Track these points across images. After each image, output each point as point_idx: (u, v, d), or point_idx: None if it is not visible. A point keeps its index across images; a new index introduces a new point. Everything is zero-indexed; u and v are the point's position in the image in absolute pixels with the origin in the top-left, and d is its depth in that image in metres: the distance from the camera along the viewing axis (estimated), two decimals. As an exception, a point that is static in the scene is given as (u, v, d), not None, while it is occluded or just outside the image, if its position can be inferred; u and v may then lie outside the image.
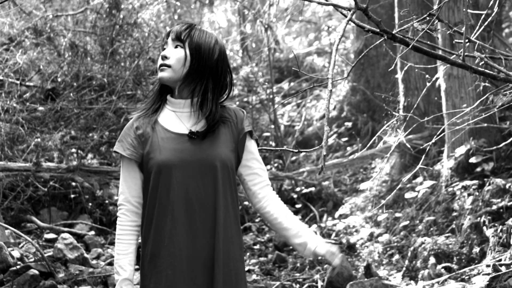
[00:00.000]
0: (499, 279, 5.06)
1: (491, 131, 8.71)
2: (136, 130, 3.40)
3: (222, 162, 3.31)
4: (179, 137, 3.33)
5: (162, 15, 12.09)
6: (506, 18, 14.14)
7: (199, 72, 3.33)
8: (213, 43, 3.37)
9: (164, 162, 3.27)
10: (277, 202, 3.45)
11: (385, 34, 4.52)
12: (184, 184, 3.26)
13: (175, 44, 3.35)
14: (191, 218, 3.27)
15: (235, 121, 3.44)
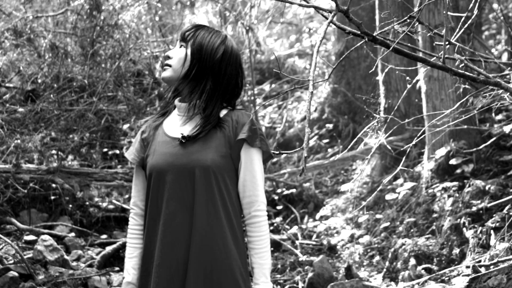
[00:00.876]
0: (479, 280, 5.08)
1: (471, 133, 8.76)
2: (142, 134, 3.43)
3: (203, 168, 3.21)
4: (172, 141, 3.30)
5: (143, 17, 12.05)
6: (486, 20, 14.22)
7: (198, 72, 3.29)
8: (218, 44, 3.31)
9: (154, 166, 3.28)
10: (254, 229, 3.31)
11: (366, 36, 4.53)
12: (169, 189, 3.23)
13: (180, 44, 3.33)
14: (175, 223, 3.23)
15: (235, 126, 3.31)
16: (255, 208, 3.30)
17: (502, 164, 8.50)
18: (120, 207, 10.44)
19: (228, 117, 3.32)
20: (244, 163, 3.29)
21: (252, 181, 3.30)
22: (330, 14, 4.51)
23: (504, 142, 8.78)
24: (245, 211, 3.32)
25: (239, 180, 3.31)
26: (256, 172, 3.30)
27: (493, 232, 7.26)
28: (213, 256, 3.21)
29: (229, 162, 3.27)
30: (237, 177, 3.31)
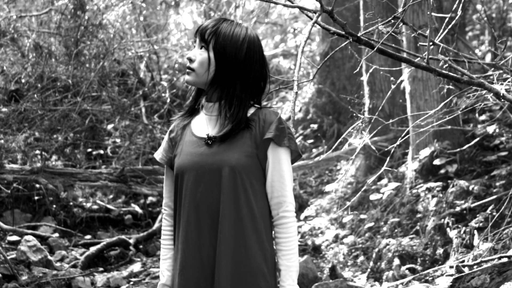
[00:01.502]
0: (462, 280, 5.09)
1: (455, 134, 8.79)
2: (170, 133, 3.35)
3: (229, 168, 3.13)
4: (198, 141, 3.22)
5: (127, 17, 12.05)
6: (470, 21, 14.27)
7: (225, 76, 3.17)
8: (241, 41, 3.17)
9: (180, 166, 3.22)
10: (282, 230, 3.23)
11: (350, 37, 4.54)
12: (194, 189, 3.17)
13: (200, 45, 3.19)
14: (200, 225, 3.17)
15: (262, 125, 3.21)
16: (283, 209, 3.22)
17: (486, 164, 8.54)
18: (104, 207, 10.42)
19: (255, 116, 3.23)
20: (272, 163, 3.20)
21: (280, 181, 3.21)
22: (314, 14, 4.51)
23: (487, 143, 8.82)
24: (273, 212, 3.23)
25: (267, 181, 3.21)
26: (284, 172, 3.21)
27: (476, 232, 7.29)
28: (238, 259, 3.14)
29: (255, 162, 3.19)
30: (264, 178, 3.22)
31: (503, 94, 4.85)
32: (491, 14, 13.34)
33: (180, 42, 15.34)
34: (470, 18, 14.07)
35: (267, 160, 3.19)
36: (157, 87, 12.24)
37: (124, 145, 11.40)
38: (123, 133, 11.54)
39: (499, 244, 5.98)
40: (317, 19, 4.43)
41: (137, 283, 7.97)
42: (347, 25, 4.49)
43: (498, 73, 5.78)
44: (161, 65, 13.87)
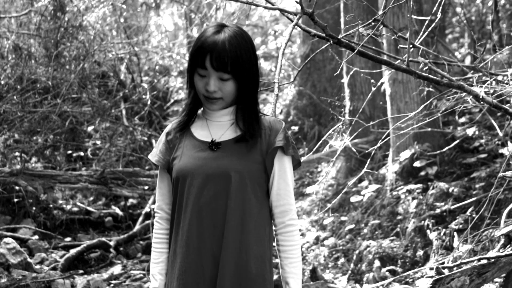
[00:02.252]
0: (442, 281, 5.11)
1: (435, 136, 8.82)
2: (166, 136, 3.29)
3: (239, 174, 3.11)
4: (201, 145, 3.18)
5: (108, 18, 12.00)
6: (449, 24, 14.34)
7: (246, 90, 3.13)
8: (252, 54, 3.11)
9: (182, 169, 3.16)
10: (288, 238, 3.23)
11: (331, 39, 4.55)
12: (198, 193, 3.12)
13: (220, 75, 3.06)
14: (201, 230, 3.13)
15: (269, 133, 3.19)
16: (289, 217, 3.22)
17: (465, 166, 8.58)
18: (84, 209, 10.37)
19: (261, 125, 3.22)
20: (278, 171, 3.20)
21: (286, 189, 3.22)
22: (295, 16, 4.52)
23: (467, 145, 8.86)
24: (277, 220, 3.23)
25: (273, 189, 3.21)
26: (289, 180, 3.23)
27: (456, 234, 7.33)
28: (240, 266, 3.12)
29: (261, 169, 3.17)
30: (266, 185, 3.21)
31: (482, 96, 4.88)
32: (470, 17, 13.41)
33: (160, 44, 15.31)
34: (450, 21, 14.15)
35: (272, 168, 3.19)
36: (138, 89, 12.21)
37: (105, 147, 11.36)
38: (103, 135, 11.51)
39: (479, 246, 6.01)
40: (298, 21, 4.44)
41: (118, 286, 7.94)
42: (327, 28, 4.50)
43: (477, 75, 5.82)
44: (142, 67, 13.84)
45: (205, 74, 3.07)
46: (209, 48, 3.02)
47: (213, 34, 3.05)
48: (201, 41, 3.06)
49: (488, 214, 6.57)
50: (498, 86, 5.58)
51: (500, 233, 5.58)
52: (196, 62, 3.06)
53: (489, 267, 5.19)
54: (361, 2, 5.30)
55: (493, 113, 8.61)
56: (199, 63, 3.04)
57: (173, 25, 18.53)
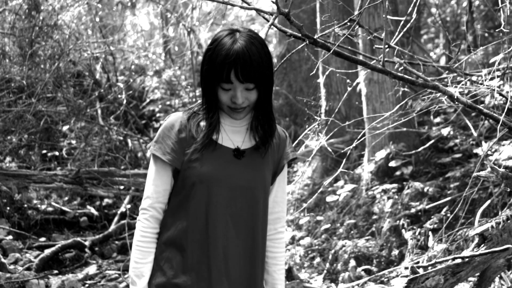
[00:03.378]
0: (417, 281, 5.13)
1: (410, 136, 8.86)
2: (178, 133, 3.08)
3: (263, 186, 3.11)
4: (224, 151, 3.07)
5: (83, 17, 11.95)
6: (425, 24, 14.42)
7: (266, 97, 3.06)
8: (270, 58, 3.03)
9: (205, 175, 3.02)
10: (277, 245, 3.25)
11: (307, 39, 4.55)
12: (230, 204, 3.05)
13: (245, 86, 2.96)
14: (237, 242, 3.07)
15: (278, 142, 3.19)
16: (281, 225, 3.26)
17: (440, 166, 8.62)
18: (59, 209, 10.32)
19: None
20: (279, 180, 3.23)
21: (283, 197, 3.26)
22: (271, 16, 4.52)
23: (442, 145, 8.91)
24: (269, 226, 3.22)
25: (271, 196, 3.21)
26: (286, 188, 3.29)
27: (431, 233, 7.36)
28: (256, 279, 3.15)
29: (271, 179, 3.19)
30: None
31: (457, 96, 4.91)
32: (445, 17, 13.49)
33: (136, 43, 15.26)
34: (425, 21, 14.23)
35: (276, 177, 3.22)
36: (113, 88, 12.16)
37: (80, 147, 11.31)
38: (78, 134, 11.46)
39: (453, 245, 6.04)
40: (274, 21, 4.45)
41: (93, 286, 7.91)
42: (303, 28, 4.50)
43: (452, 76, 5.85)
44: (117, 66, 13.79)
45: (229, 88, 2.96)
46: (233, 62, 2.90)
47: (231, 44, 2.93)
48: (222, 55, 2.92)
49: (463, 213, 6.61)
50: (473, 87, 5.61)
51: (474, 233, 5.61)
52: (219, 77, 2.94)
53: (464, 266, 5.22)
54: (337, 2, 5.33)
55: (468, 113, 8.66)
56: (224, 78, 2.92)
57: (149, 25, 18.49)
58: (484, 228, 5.43)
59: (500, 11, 5.05)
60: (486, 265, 5.35)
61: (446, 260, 5.31)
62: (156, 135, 3.15)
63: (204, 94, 3.07)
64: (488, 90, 5.43)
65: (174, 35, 15.61)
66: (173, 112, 3.27)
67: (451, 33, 12.36)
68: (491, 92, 5.39)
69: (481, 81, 5.57)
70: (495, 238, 5.31)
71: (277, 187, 3.22)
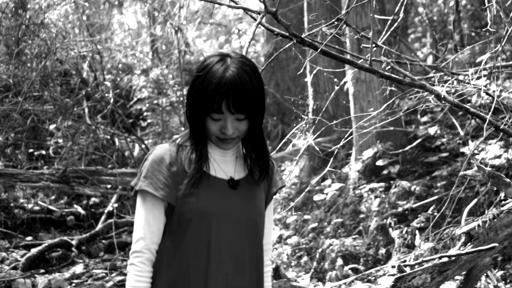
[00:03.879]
0: (404, 279, 5.15)
1: (397, 135, 8.88)
2: (169, 166, 2.86)
3: (261, 217, 2.97)
4: (217, 182, 2.89)
5: (70, 16, 11.91)
6: (412, 24, 14.46)
7: (257, 127, 2.90)
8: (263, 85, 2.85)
9: (203, 210, 2.83)
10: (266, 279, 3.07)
11: (294, 38, 4.56)
12: (232, 238, 2.87)
13: (236, 117, 2.78)
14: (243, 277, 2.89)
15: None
16: (268, 257, 3.10)
17: (427, 165, 8.65)
18: (46, 208, 10.29)
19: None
20: (268, 210, 3.09)
21: (269, 228, 3.10)
22: (259, 15, 4.52)
23: (429, 144, 8.94)
24: None
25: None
26: (272, 218, 3.18)
27: (418, 232, 7.38)
28: None
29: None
30: None
31: (444, 96, 4.92)
32: (432, 17, 13.53)
33: (123, 42, 15.23)
34: (412, 20, 14.27)
35: (267, 206, 3.08)
36: (100, 87, 12.12)
37: (67, 146, 11.28)
38: (65, 133, 11.42)
39: (440, 244, 6.06)
40: (261, 20, 4.45)
41: (79, 285, 7.89)
42: (291, 27, 4.51)
43: (439, 75, 5.87)
44: (105, 65, 13.76)
45: (219, 118, 2.78)
46: (225, 92, 2.72)
47: (223, 72, 2.74)
48: (213, 83, 2.74)
49: (449, 212, 6.63)
50: (460, 86, 5.63)
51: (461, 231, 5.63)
52: (210, 107, 2.76)
53: (450, 265, 5.24)
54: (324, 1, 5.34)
55: (455, 112, 8.70)
56: (214, 108, 2.75)
57: (136, 23, 18.47)
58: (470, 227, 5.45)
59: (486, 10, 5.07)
60: (473, 264, 5.37)
61: (433, 258, 5.33)
62: (142, 170, 2.90)
63: (192, 124, 2.88)
64: (474, 89, 5.45)
65: (162, 34, 15.59)
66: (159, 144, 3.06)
67: (438, 33, 12.40)
68: (478, 91, 5.41)
69: (468, 80, 5.59)
70: (482, 237, 5.33)
71: (267, 218, 3.07)
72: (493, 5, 4.96)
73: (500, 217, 5.37)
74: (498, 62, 5.64)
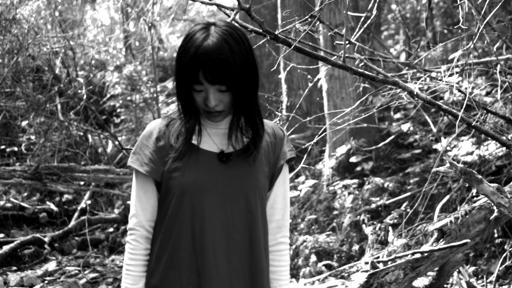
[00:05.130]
0: (377, 275, 5.17)
1: (371, 131, 8.91)
2: (156, 141, 2.81)
3: (257, 191, 2.79)
4: (207, 155, 2.78)
5: (42, 12, 11.81)
6: (385, 21, 14.51)
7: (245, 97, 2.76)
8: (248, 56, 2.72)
9: (189, 184, 2.73)
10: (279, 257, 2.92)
11: (268, 35, 4.56)
12: (218, 213, 2.74)
13: (217, 88, 2.66)
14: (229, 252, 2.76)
15: (274, 141, 2.89)
16: (282, 234, 2.92)
17: (400, 161, 8.69)
18: (18, 205, 10.22)
19: (265, 132, 2.89)
20: (277, 183, 2.90)
21: (283, 203, 2.92)
22: (232, 12, 4.51)
23: (402, 140, 8.98)
24: (269, 236, 2.90)
25: (269, 202, 2.89)
26: (287, 192, 2.94)
27: (391, 228, 7.41)
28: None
29: (267, 182, 2.87)
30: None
31: (416, 92, 4.95)
32: (405, 14, 13.59)
33: (97, 38, 15.14)
34: (385, 17, 14.33)
35: (275, 181, 2.91)
36: (73, 83, 12.05)
37: (39, 142, 11.20)
38: (38, 129, 11.34)
39: (413, 240, 6.09)
40: (235, 16, 4.44)
41: (52, 282, 7.84)
42: (264, 23, 4.50)
43: (412, 72, 5.90)
44: (77, 61, 13.66)
45: (201, 89, 2.68)
46: (201, 61, 2.61)
47: (202, 41, 2.64)
48: (191, 53, 2.63)
49: (422, 209, 6.67)
50: (432, 83, 5.66)
51: (434, 228, 5.66)
52: (189, 77, 2.66)
53: (423, 261, 5.27)
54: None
55: (427, 109, 8.75)
56: (193, 78, 2.64)
57: (110, 19, 18.37)
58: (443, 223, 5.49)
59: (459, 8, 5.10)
60: (445, 260, 5.41)
61: (405, 255, 5.35)
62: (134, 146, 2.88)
63: (178, 95, 2.78)
64: (447, 86, 5.48)
65: (135, 30, 15.51)
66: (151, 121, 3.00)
67: (411, 30, 12.45)
68: (450, 88, 5.44)
69: (440, 77, 5.63)
70: (454, 233, 5.36)
71: (275, 192, 2.90)
72: (465, 2, 4.99)
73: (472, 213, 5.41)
74: (470, 59, 5.69)
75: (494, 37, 7.57)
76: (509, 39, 7.26)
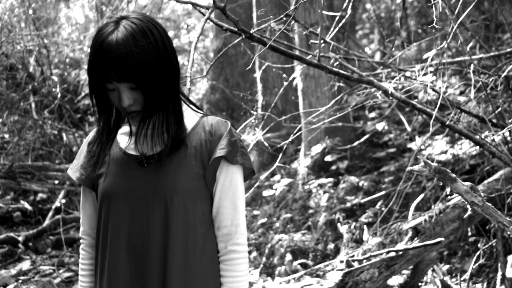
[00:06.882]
0: (352, 274, 5.19)
1: (346, 130, 8.94)
2: (88, 145, 2.69)
3: (177, 196, 2.53)
4: (129, 160, 2.61)
5: (15, 9, 11.74)
6: (360, 20, 14.56)
7: (157, 92, 2.49)
8: (159, 49, 2.47)
9: (107, 190, 2.59)
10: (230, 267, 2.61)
11: (243, 33, 4.56)
12: (127, 221, 2.56)
13: (128, 86, 2.46)
14: (132, 266, 2.57)
15: (209, 139, 2.61)
16: (233, 242, 2.61)
17: (375, 160, 8.73)
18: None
19: (200, 128, 2.63)
20: (221, 185, 2.60)
21: (231, 207, 2.60)
22: (207, 11, 4.51)
23: (377, 139, 9.02)
24: (220, 244, 2.62)
25: (214, 206, 2.61)
26: (237, 195, 2.61)
27: (366, 227, 7.44)
28: None
29: (202, 185, 2.59)
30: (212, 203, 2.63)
31: (391, 92, 4.97)
32: (380, 13, 13.64)
33: (71, 37, 15.07)
34: (360, 17, 14.37)
35: (213, 183, 2.61)
36: (48, 81, 11.98)
37: (13, 141, 11.12)
38: (11, 128, 11.26)
39: (388, 239, 6.12)
40: (210, 15, 4.44)
41: (26, 282, 7.80)
42: (240, 22, 4.51)
43: (386, 71, 5.93)
44: (52, 59, 13.58)
45: (113, 88, 2.49)
46: (105, 57, 2.42)
47: (107, 36, 2.44)
48: (95, 49, 2.45)
49: (397, 207, 6.71)
50: (407, 82, 5.69)
51: (408, 226, 5.70)
52: (97, 76, 2.48)
53: (397, 259, 5.30)
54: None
55: (402, 108, 8.79)
56: (101, 77, 2.46)
57: (84, 18, 18.27)
58: (417, 222, 5.53)
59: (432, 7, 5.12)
60: (419, 258, 5.45)
61: (380, 253, 5.38)
62: None
63: (90, 95, 2.57)
64: (421, 86, 5.51)
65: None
66: None
67: (386, 29, 12.50)
68: (424, 88, 5.47)
69: (415, 77, 5.65)
70: (428, 232, 5.40)
71: (219, 195, 2.61)
72: (438, 2, 5.02)
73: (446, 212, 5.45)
74: (444, 58, 5.72)
75: (467, 36, 7.61)
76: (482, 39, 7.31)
